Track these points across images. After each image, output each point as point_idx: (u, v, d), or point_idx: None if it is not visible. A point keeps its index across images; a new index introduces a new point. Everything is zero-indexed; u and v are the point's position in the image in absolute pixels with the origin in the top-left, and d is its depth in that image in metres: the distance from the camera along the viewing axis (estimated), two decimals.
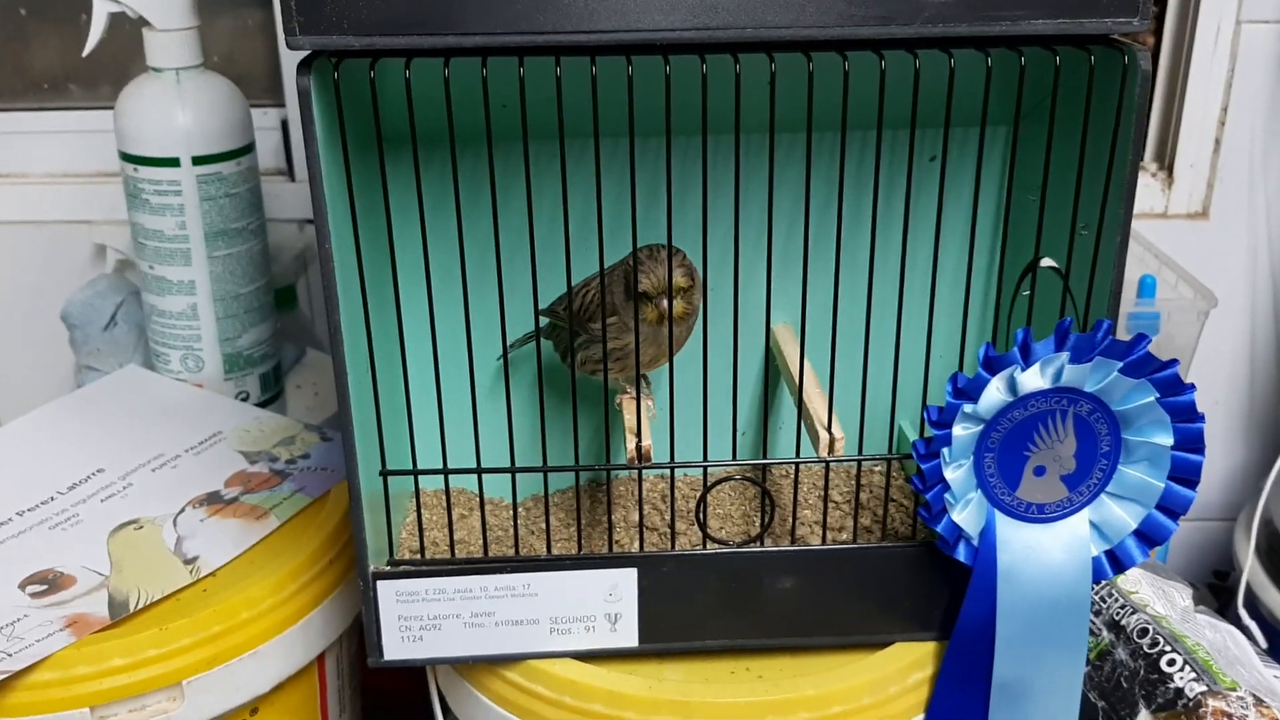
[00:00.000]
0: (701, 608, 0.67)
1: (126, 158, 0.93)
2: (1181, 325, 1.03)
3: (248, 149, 0.95)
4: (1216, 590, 1.23)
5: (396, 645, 0.66)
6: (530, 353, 0.72)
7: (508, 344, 0.63)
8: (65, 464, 0.87)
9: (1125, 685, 0.74)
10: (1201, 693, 0.70)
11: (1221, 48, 1.12)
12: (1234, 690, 0.70)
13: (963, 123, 0.64)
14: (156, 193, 0.92)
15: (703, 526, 0.66)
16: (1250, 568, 1.07)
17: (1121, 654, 0.75)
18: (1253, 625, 0.97)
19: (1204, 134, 1.15)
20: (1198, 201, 1.18)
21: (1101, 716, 0.74)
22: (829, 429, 0.64)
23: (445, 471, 0.64)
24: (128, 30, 0.92)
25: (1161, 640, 0.74)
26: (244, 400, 0.99)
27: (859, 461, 0.67)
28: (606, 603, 0.66)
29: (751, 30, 0.55)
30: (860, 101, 0.58)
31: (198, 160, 0.92)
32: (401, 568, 0.65)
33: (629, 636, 0.67)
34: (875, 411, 0.68)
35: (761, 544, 0.67)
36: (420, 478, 0.67)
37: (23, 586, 0.74)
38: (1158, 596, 0.79)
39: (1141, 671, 0.73)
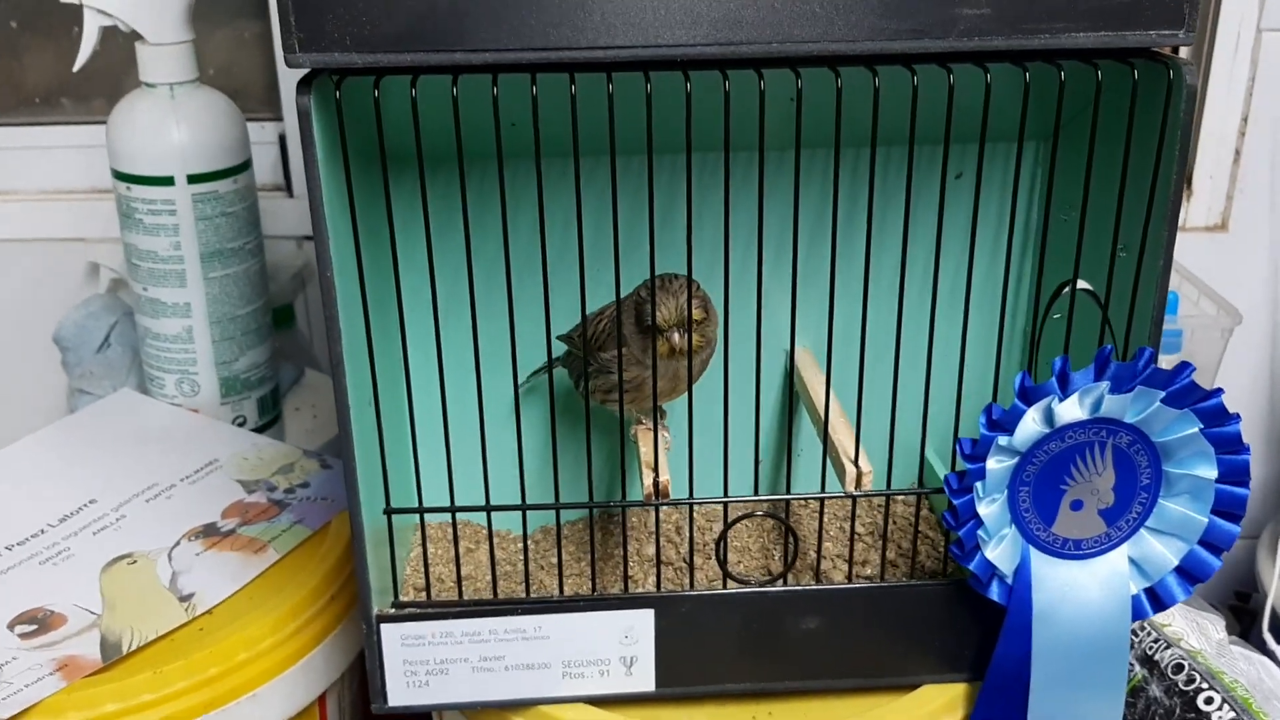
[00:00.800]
0: (721, 650, 0.63)
1: (119, 176, 0.90)
2: (1204, 343, 1.00)
3: (244, 166, 0.92)
4: (1238, 612, 1.20)
5: (401, 691, 0.63)
6: (541, 382, 0.69)
7: (520, 378, 0.60)
8: (56, 494, 0.84)
9: None
10: None
11: (1241, 56, 1.09)
12: None
13: (994, 138, 0.61)
14: (150, 212, 0.89)
15: (723, 565, 0.63)
16: (1276, 589, 1.04)
17: (1156, 691, 0.72)
18: (1277, 648, 0.94)
19: (1223, 145, 1.13)
20: (1217, 214, 1.15)
21: None
22: (855, 462, 0.61)
23: (453, 510, 0.61)
24: (120, 44, 0.90)
25: (1198, 677, 0.71)
26: (241, 425, 0.96)
27: (887, 496, 0.64)
28: (622, 645, 0.63)
29: (777, 45, 0.52)
30: (885, 117, 0.55)
31: (193, 179, 0.89)
32: (407, 610, 0.62)
33: (645, 680, 0.64)
34: (900, 441, 0.65)
35: (785, 582, 0.64)
36: (436, 516, 0.64)
37: (11, 626, 0.71)
38: (1192, 630, 0.76)
39: (1178, 710, 0.70)
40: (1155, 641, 0.74)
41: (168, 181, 0.88)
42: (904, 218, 0.57)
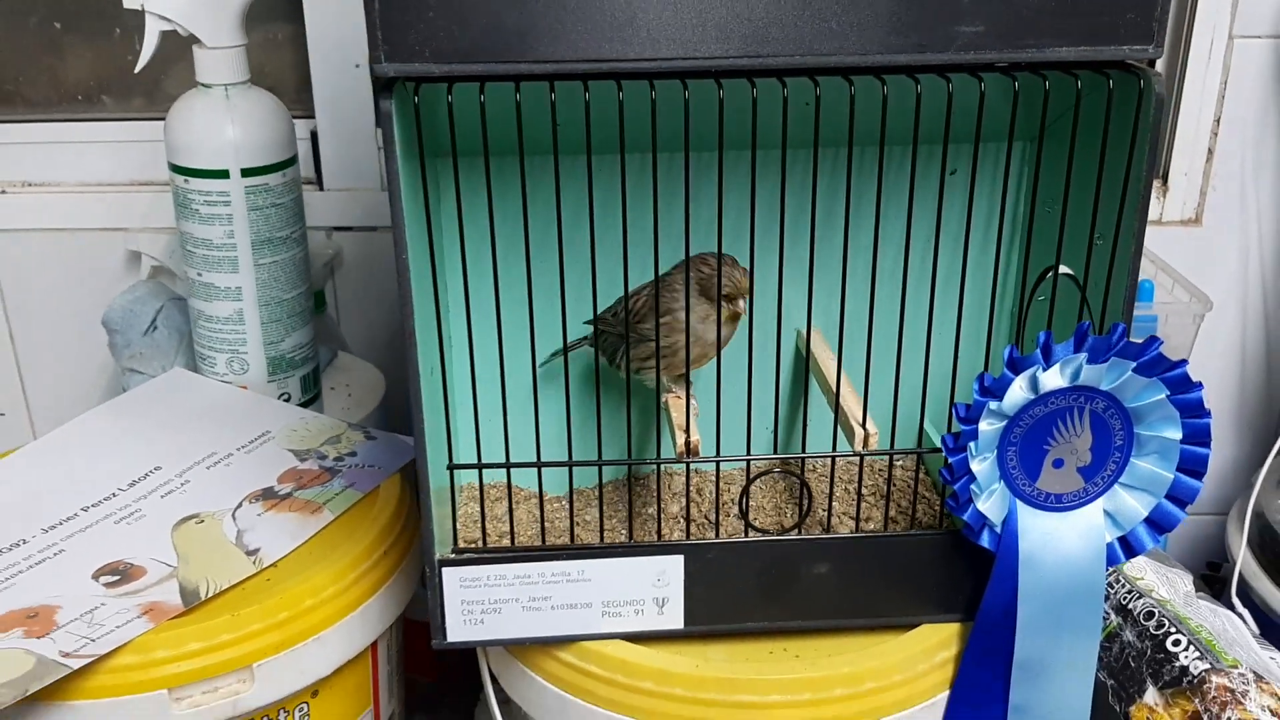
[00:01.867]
0: (743, 592, 0.71)
1: (177, 170, 0.97)
2: (1178, 328, 1.08)
3: (292, 161, 0.99)
4: (1210, 580, 1.28)
5: (459, 628, 0.71)
6: (576, 362, 0.77)
7: (561, 354, 0.68)
8: (124, 462, 0.91)
9: (1133, 665, 0.79)
10: (1205, 670, 0.75)
11: (1215, 62, 1.17)
12: (1235, 668, 0.75)
13: (987, 139, 0.69)
14: (206, 203, 0.97)
15: (745, 516, 0.71)
16: (1243, 558, 1.12)
17: (1129, 635, 0.80)
18: (1245, 613, 1.02)
19: (1198, 144, 1.20)
20: (1191, 209, 1.23)
21: (1110, 694, 0.79)
22: (863, 425, 0.68)
23: (508, 465, 0.69)
24: (162, 46, 0.96)
25: (1167, 622, 0.79)
26: (286, 401, 1.04)
27: (890, 455, 0.71)
28: (655, 587, 0.70)
29: (799, 57, 0.60)
30: (890, 120, 0.63)
31: (246, 172, 0.96)
32: (465, 555, 0.69)
33: (675, 619, 0.71)
34: (901, 409, 0.73)
35: (800, 533, 0.72)
36: (469, 474, 0.72)
37: (96, 577, 0.79)
38: (1162, 582, 0.84)
39: (1149, 651, 0.78)
40: (1129, 593, 0.82)
41: (223, 175, 0.96)
42: (908, 209, 0.65)
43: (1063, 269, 0.70)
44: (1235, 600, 1.06)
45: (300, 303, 1.03)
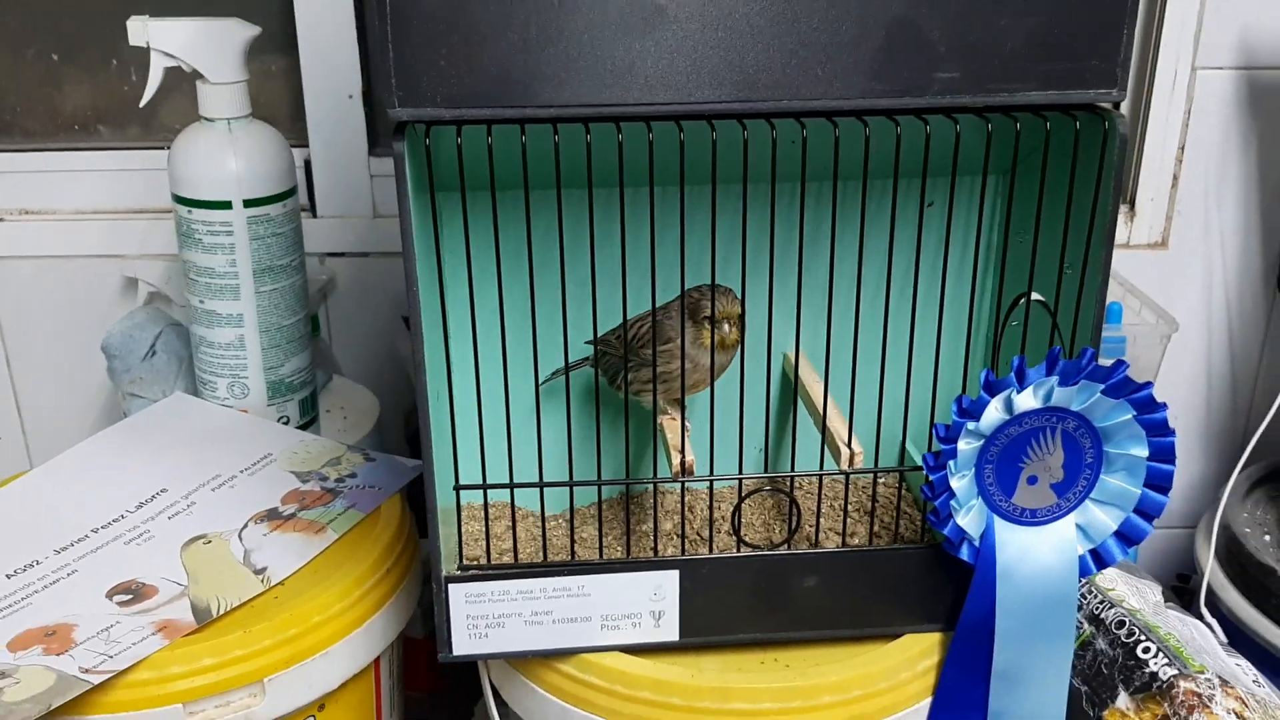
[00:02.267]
0: (735, 605, 0.75)
1: (181, 200, 1.00)
2: (1145, 348, 1.13)
3: (291, 192, 1.03)
4: (1180, 592, 1.32)
5: (465, 642, 0.74)
6: (575, 382, 0.80)
7: (561, 375, 0.71)
8: (130, 485, 0.94)
9: (1105, 671, 0.83)
10: (1174, 675, 0.79)
11: (1179, 92, 1.22)
12: (1202, 673, 0.79)
13: (962, 173, 0.73)
14: (209, 233, 1.00)
15: (737, 532, 0.75)
16: (1211, 570, 1.16)
17: (1101, 644, 0.84)
18: (1214, 622, 1.06)
19: (1163, 170, 1.25)
20: (1158, 232, 1.28)
21: (1084, 700, 0.83)
22: (849, 444, 0.72)
23: (511, 485, 0.72)
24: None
25: (1137, 631, 0.83)
26: (285, 424, 1.07)
27: (874, 473, 0.75)
28: (651, 601, 0.74)
29: (786, 101, 0.64)
30: (872, 158, 0.67)
31: (248, 203, 0.99)
32: (471, 571, 0.73)
33: (671, 631, 0.75)
34: (884, 430, 0.77)
35: (789, 547, 0.75)
36: (471, 495, 0.75)
37: (110, 596, 0.81)
38: (1132, 593, 0.88)
39: (1120, 659, 0.82)
40: (1101, 603, 0.86)
41: (226, 206, 0.99)
42: (889, 240, 0.69)
43: (1035, 296, 0.74)
44: (1204, 610, 1.11)
45: (299, 328, 1.06)
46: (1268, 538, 1.13)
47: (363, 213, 1.30)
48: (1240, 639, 1.05)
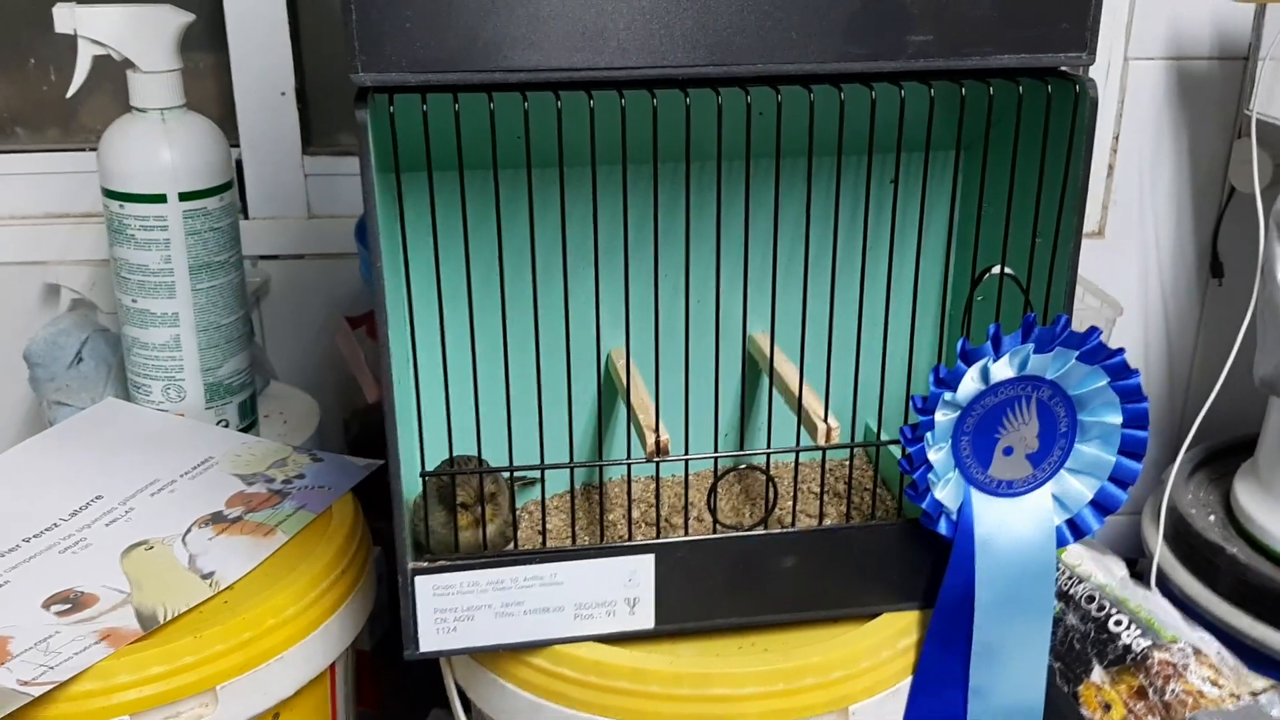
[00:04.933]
0: (711, 589, 0.73)
1: (112, 195, 0.96)
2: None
3: (229, 185, 0.99)
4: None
5: (431, 637, 0.71)
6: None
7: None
8: (63, 492, 0.89)
9: (1078, 646, 0.82)
10: (1148, 647, 0.79)
11: (1112, 82, 1.24)
12: (1175, 643, 0.79)
13: (936, 147, 0.73)
14: (143, 228, 0.95)
15: (714, 513, 0.73)
16: (1160, 552, 1.17)
17: (1072, 619, 0.84)
18: (1166, 602, 1.07)
19: (1099, 160, 1.27)
20: (1094, 222, 1.30)
21: (1058, 676, 0.83)
22: (825, 420, 0.71)
23: (480, 472, 0.69)
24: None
25: (1108, 605, 0.83)
26: (225, 428, 1.02)
27: (851, 448, 0.74)
28: (626, 588, 0.72)
29: (762, 65, 0.62)
30: (847, 128, 0.66)
31: (184, 196, 0.95)
32: (439, 562, 0.70)
33: (646, 619, 0.72)
34: (844, 409, 0.76)
35: (765, 527, 0.74)
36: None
37: (46, 606, 0.77)
38: (1099, 569, 0.88)
39: (1092, 633, 0.82)
40: (1069, 579, 0.86)
41: (160, 199, 0.95)
42: (863, 219, 0.68)
43: (996, 269, 0.74)
44: (1154, 589, 1.12)
45: (238, 328, 1.02)
46: (1212, 518, 1.14)
47: (297, 214, 1.26)
48: (1194, 618, 1.06)
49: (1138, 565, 1.33)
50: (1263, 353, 1.07)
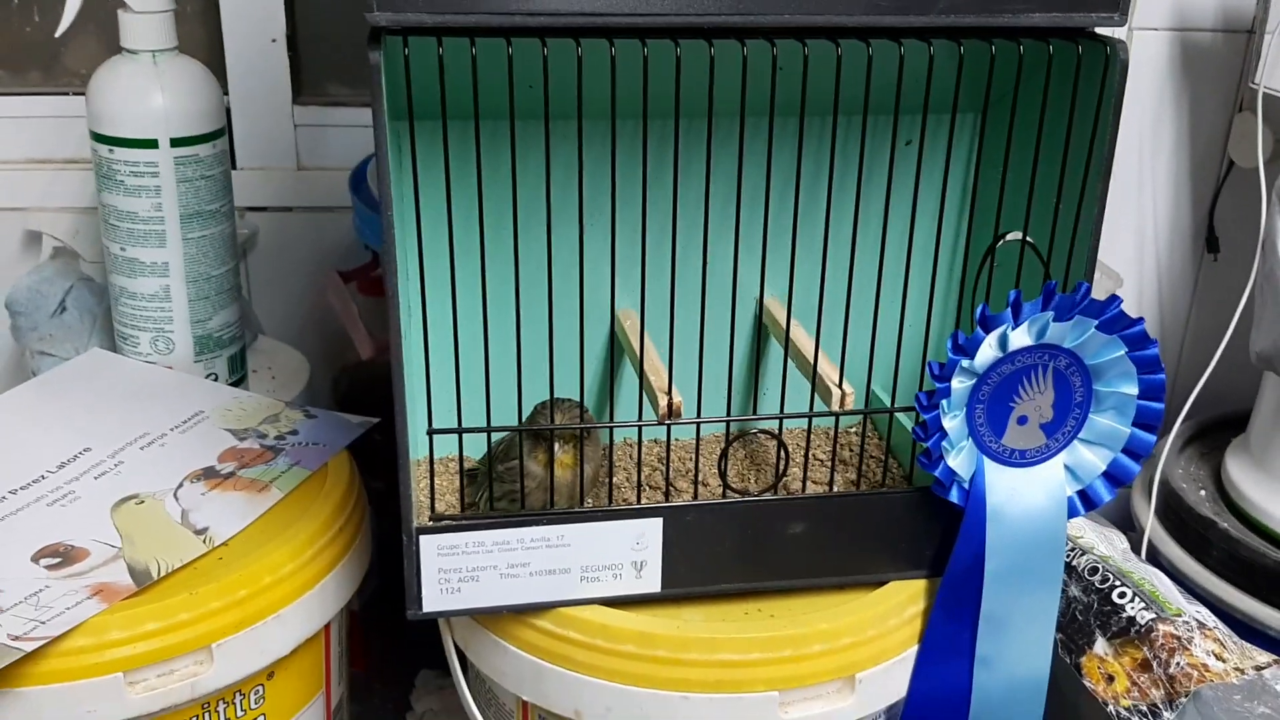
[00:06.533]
0: (719, 554, 0.72)
1: (100, 139, 0.93)
2: None
3: (221, 132, 0.96)
4: None
5: (436, 597, 0.69)
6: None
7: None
8: (49, 444, 0.87)
9: (1080, 618, 0.82)
10: (1152, 619, 0.78)
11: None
12: (1179, 616, 0.79)
13: (963, 109, 0.71)
14: (133, 174, 0.93)
15: (724, 477, 0.72)
16: (1151, 526, 1.17)
17: (1075, 591, 0.83)
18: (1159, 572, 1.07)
19: None
20: None
21: (1060, 648, 0.82)
22: (840, 385, 0.70)
23: (489, 429, 0.68)
24: (55, 16, 0.92)
25: (1111, 576, 0.82)
26: (214, 381, 1.00)
27: (865, 415, 0.73)
28: (633, 551, 0.70)
29: (789, 16, 0.61)
30: (874, 87, 0.64)
31: (176, 142, 0.92)
32: (444, 522, 0.68)
33: (653, 582, 0.71)
34: (855, 376, 0.74)
35: (775, 493, 0.72)
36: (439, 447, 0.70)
37: (36, 560, 0.75)
38: (1101, 541, 0.88)
39: (1095, 604, 0.82)
40: (1071, 550, 0.86)
41: (152, 144, 0.92)
42: (887, 180, 0.66)
43: (1014, 235, 0.72)
44: (1146, 564, 1.12)
45: (228, 279, 1.00)
46: (1203, 492, 1.14)
47: (286, 164, 1.23)
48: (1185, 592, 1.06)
49: (1129, 539, 1.34)
50: (1260, 328, 1.06)
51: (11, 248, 1.22)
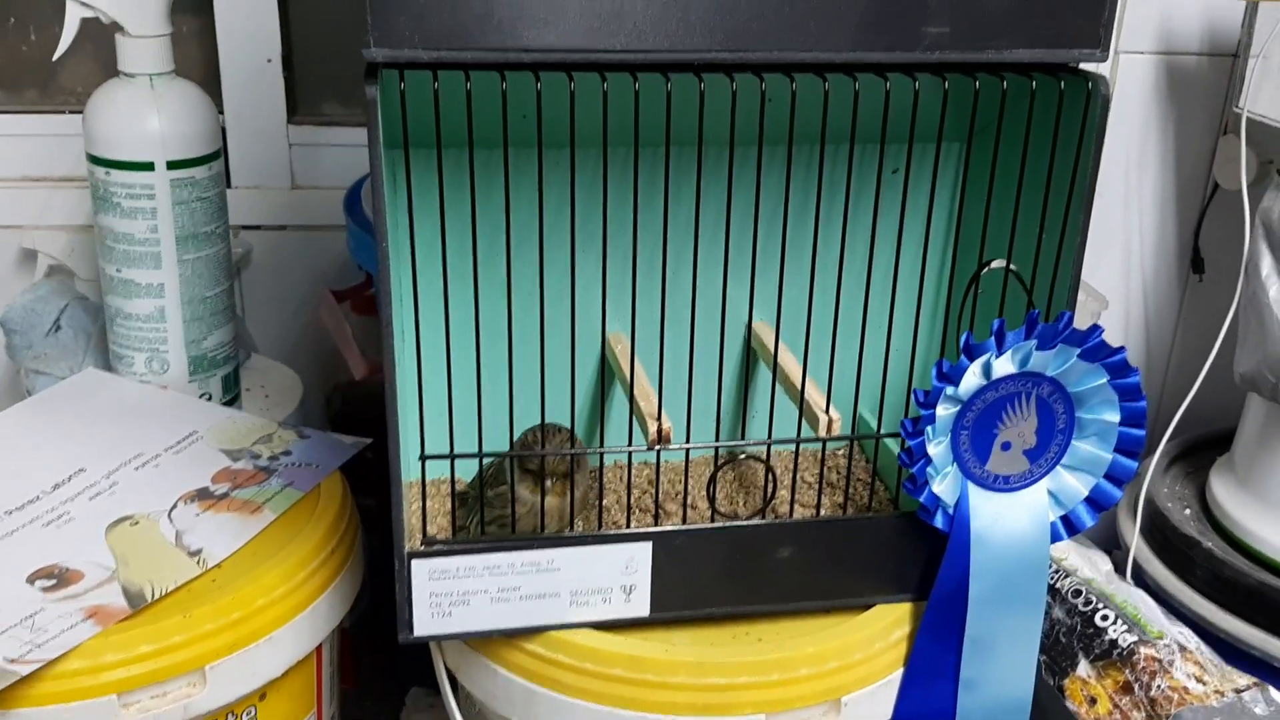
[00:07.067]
0: (707, 578, 0.73)
1: (97, 161, 0.94)
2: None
3: (217, 154, 0.97)
4: None
5: (427, 621, 0.70)
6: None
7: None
8: (44, 465, 0.88)
9: (1064, 640, 0.83)
10: (1134, 642, 0.80)
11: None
12: (1161, 639, 0.80)
13: (935, 141, 0.72)
14: (129, 196, 0.93)
15: (712, 502, 0.73)
16: (1136, 545, 1.18)
17: (1059, 613, 0.84)
18: (1143, 594, 1.08)
19: None
20: None
21: (1044, 669, 0.83)
22: (826, 412, 0.71)
23: (480, 455, 0.69)
24: (56, 36, 0.93)
25: (1094, 599, 0.84)
26: (208, 401, 1.01)
27: (851, 440, 0.74)
28: (623, 575, 0.71)
29: (777, 53, 0.62)
30: (860, 119, 0.65)
31: (172, 164, 0.93)
32: (435, 546, 0.69)
33: (642, 606, 0.72)
34: (841, 401, 0.75)
35: (763, 517, 0.73)
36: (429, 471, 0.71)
37: (31, 581, 0.75)
38: (1085, 564, 0.89)
39: (1078, 627, 0.83)
40: (1055, 573, 0.87)
41: (148, 167, 0.93)
42: (873, 208, 0.68)
43: (998, 262, 0.73)
44: (1130, 582, 1.13)
45: (223, 300, 1.00)
46: (1188, 511, 1.15)
47: (280, 184, 1.24)
48: (1169, 610, 1.07)
49: (1113, 557, 1.35)
50: (1244, 349, 1.08)
51: (7, 266, 1.23)
